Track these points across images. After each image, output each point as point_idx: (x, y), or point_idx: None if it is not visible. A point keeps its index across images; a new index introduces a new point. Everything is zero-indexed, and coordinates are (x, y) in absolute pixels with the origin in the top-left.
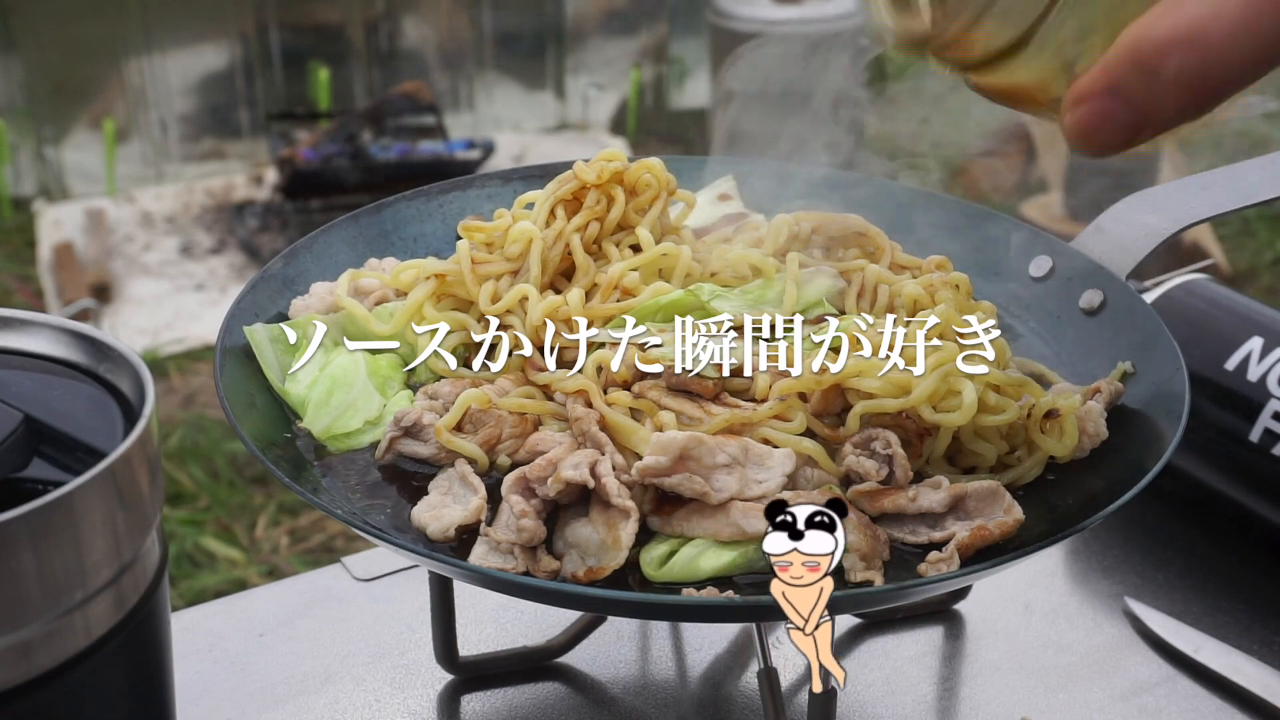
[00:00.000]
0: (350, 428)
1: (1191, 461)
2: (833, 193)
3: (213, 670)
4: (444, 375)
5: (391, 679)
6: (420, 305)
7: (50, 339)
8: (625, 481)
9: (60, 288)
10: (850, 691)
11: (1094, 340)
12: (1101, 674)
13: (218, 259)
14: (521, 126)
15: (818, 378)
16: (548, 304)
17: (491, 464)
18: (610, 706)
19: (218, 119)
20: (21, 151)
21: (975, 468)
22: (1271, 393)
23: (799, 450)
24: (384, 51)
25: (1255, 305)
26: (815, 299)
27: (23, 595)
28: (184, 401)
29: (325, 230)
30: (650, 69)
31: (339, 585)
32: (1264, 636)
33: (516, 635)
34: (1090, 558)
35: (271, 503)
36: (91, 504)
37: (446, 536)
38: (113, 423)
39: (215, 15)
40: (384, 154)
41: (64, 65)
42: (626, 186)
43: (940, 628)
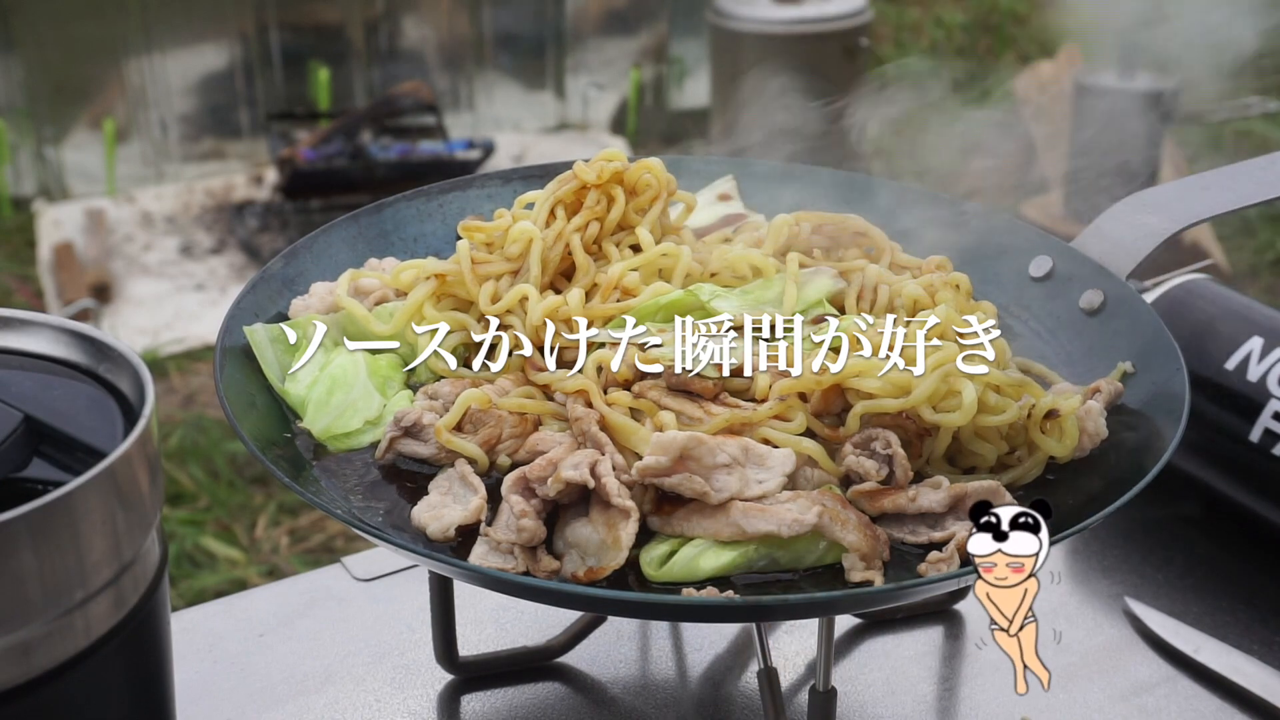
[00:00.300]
0: (350, 428)
1: (1191, 461)
2: (833, 193)
3: (213, 670)
4: (444, 375)
5: (391, 679)
6: (420, 305)
7: (50, 339)
8: (625, 481)
9: (60, 288)
10: (850, 691)
11: (1094, 340)
12: (1101, 674)
13: (218, 259)
14: (521, 126)
15: (818, 378)
16: (548, 304)
17: (491, 464)
18: (610, 706)
19: (218, 119)
20: (21, 151)
21: (975, 468)
22: (1271, 393)
23: (799, 450)
24: (384, 51)
25: (1255, 305)
26: (815, 299)
27: (23, 595)
28: (184, 401)
29: (325, 230)
30: (650, 69)
31: (339, 585)
32: (1264, 636)
33: (516, 635)
34: (1090, 558)
35: (271, 503)
36: (91, 504)
37: (446, 536)
38: (113, 423)
39: (215, 15)
40: (384, 154)
41: (64, 65)
42: (626, 187)
43: (940, 628)
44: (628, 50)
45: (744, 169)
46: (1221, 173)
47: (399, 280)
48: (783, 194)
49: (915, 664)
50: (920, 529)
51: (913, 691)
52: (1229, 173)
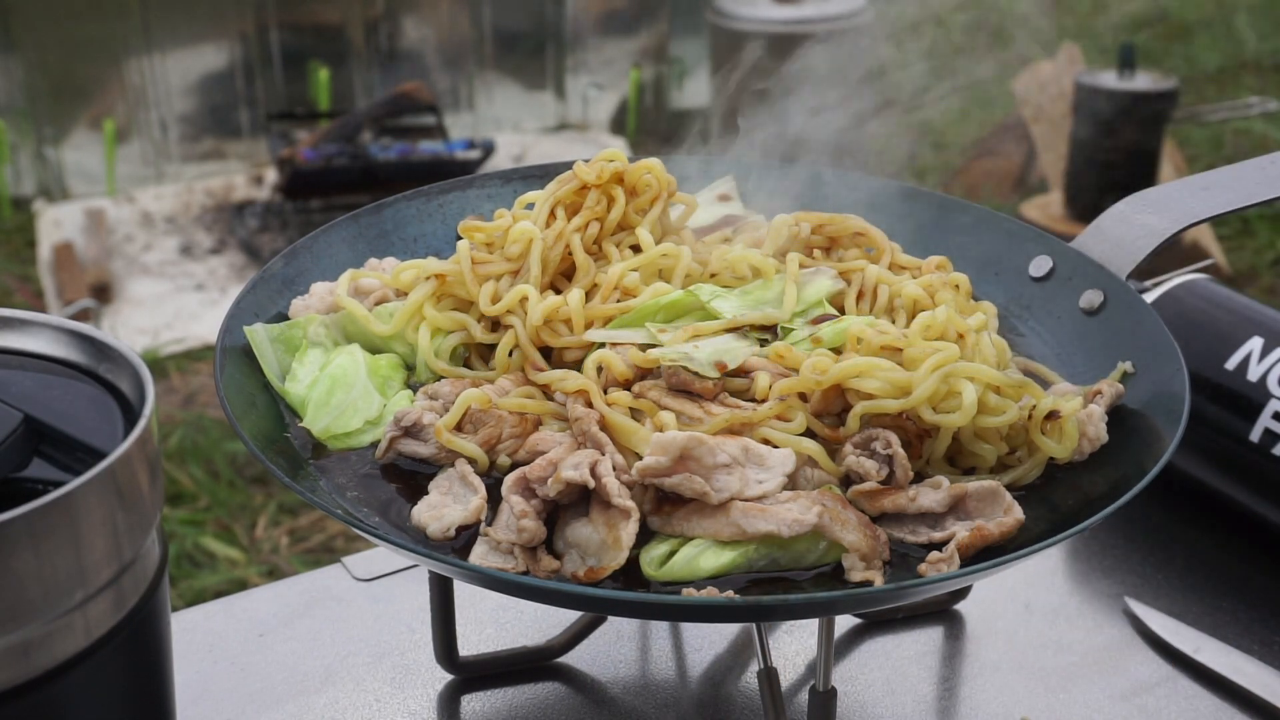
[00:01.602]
0: (350, 427)
1: (1191, 461)
2: (832, 193)
3: (213, 670)
4: (444, 375)
5: (391, 679)
6: (420, 305)
7: (50, 339)
8: (625, 481)
9: (60, 288)
10: (850, 691)
11: (1094, 340)
12: (1101, 674)
13: (218, 259)
14: (521, 126)
15: (818, 378)
16: (548, 304)
17: (491, 464)
18: (610, 706)
19: (218, 119)
20: (21, 151)
21: (975, 468)
22: (1271, 393)
23: (799, 450)
24: (384, 51)
25: (1255, 305)
26: (815, 299)
27: (23, 595)
28: (184, 401)
29: (325, 230)
30: (650, 69)
31: (339, 585)
32: (1264, 636)
33: (516, 635)
34: (1090, 558)
35: (271, 503)
36: (91, 504)
37: (447, 536)
38: (113, 423)
39: (215, 15)
40: (384, 154)
41: (64, 65)
42: (627, 187)
43: (940, 628)
44: (628, 50)
45: (744, 169)
46: (1221, 173)
47: (399, 280)
48: (783, 194)
49: (915, 664)
50: (920, 529)
51: (913, 691)
52: (1229, 173)
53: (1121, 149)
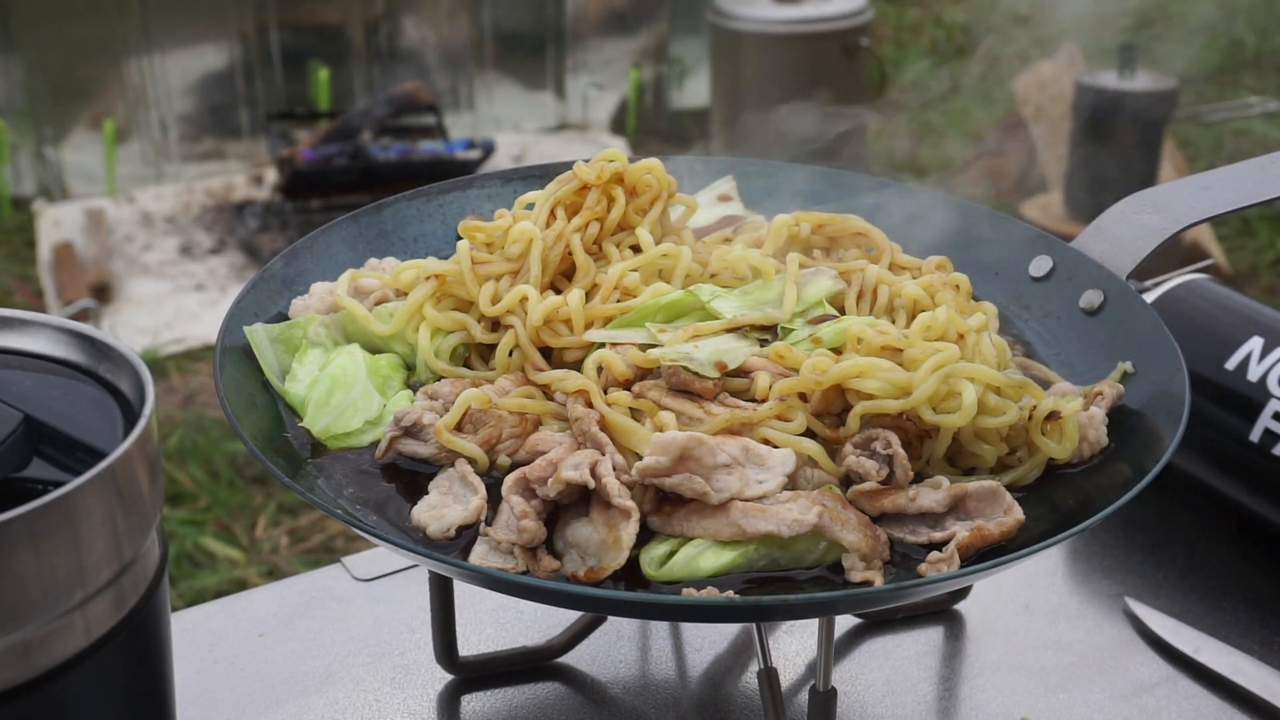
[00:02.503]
0: (350, 427)
1: (1191, 461)
2: (833, 193)
3: (213, 670)
4: (444, 375)
5: (391, 679)
6: (420, 305)
7: (50, 339)
8: (625, 481)
9: (60, 288)
10: (850, 691)
11: (1094, 340)
12: (1101, 674)
13: (218, 259)
14: (521, 126)
15: (818, 378)
16: (548, 304)
17: (491, 464)
18: (610, 706)
19: (218, 119)
20: (21, 151)
21: (975, 469)
22: (1271, 393)
23: (799, 450)
24: (384, 51)
25: (1255, 305)
26: (815, 299)
27: (23, 595)
28: (184, 401)
29: (325, 230)
30: (650, 69)
31: (339, 585)
32: (1264, 636)
33: (516, 635)
34: (1090, 558)
35: (271, 503)
36: (91, 504)
37: (447, 536)
38: (113, 423)
39: (215, 15)
40: (384, 154)
41: (64, 65)
42: (627, 187)
43: (940, 628)
44: (628, 50)
45: (744, 169)
46: (1221, 173)
47: (399, 280)
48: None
49: (915, 664)
50: (920, 529)
51: (913, 691)
52: (1229, 173)
53: (1121, 149)
